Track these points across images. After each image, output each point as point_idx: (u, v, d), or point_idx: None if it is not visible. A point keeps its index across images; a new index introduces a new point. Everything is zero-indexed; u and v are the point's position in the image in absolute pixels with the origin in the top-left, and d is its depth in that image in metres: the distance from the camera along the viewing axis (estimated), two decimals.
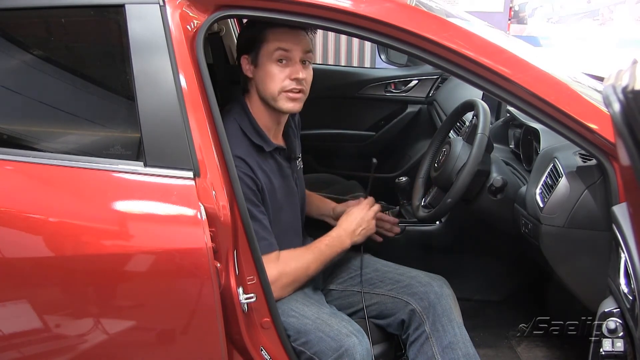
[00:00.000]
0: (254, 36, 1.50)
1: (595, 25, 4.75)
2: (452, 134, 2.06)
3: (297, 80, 1.50)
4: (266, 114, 1.56)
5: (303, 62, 1.52)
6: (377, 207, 1.70)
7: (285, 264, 1.51)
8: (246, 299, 1.33)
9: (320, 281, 1.70)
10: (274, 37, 1.48)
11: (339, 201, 2.33)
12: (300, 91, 1.52)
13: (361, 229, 1.65)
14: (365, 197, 1.75)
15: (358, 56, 4.90)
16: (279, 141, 1.62)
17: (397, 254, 1.69)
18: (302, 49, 1.50)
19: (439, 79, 2.95)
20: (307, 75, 1.53)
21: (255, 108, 1.56)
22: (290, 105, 1.53)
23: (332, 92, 2.93)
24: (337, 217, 1.75)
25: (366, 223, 1.65)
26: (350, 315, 1.60)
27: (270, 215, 1.54)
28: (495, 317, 2.15)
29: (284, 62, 1.49)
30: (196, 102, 1.28)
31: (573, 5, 4.80)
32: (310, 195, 1.89)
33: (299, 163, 1.73)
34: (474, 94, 2.06)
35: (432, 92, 2.95)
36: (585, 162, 1.45)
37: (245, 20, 1.50)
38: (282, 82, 1.50)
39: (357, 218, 1.65)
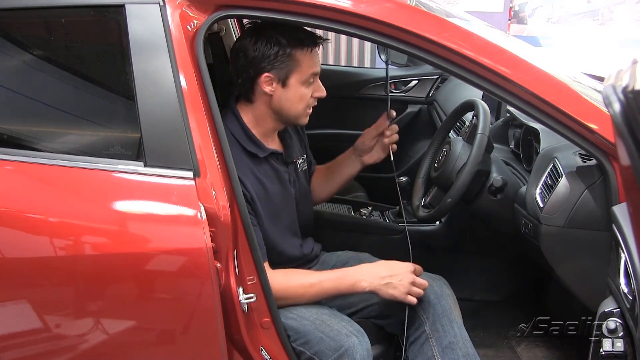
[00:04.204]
0: (284, 58, 1.47)
1: (595, 25, 4.75)
2: (452, 134, 2.06)
3: (317, 98, 1.56)
4: (270, 123, 1.56)
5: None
6: (422, 282, 1.51)
7: (273, 280, 1.43)
8: (246, 299, 1.33)
9: None
10: (308, 63, 1.50)
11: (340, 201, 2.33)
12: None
13: (390, 281, 1.47)
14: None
15: (358, 56, 4.89)
16: (275, 145, 1.61)
17: (397, 254, 1.69)
18: (319, 67, 1.55)
19: (439, 79, 2.94)
20: None
21: (254, 116, 1.55)
22: (307, 119, 1.58)
23: (332, 92, 2.92)
24: (361, 150, 1.80)
25: (398, 282, 1.47)
26: (350, 315, 1.60)
27: (264, 222, 1.53)
28: (495, 317, 2.15)
29: (311, 81, 1.53)
30: (196, 102, 1.28)
31: (573, 5, 4.80)
32: (323, 170, 1.88)
33: (301, 165, 1.72)
34: (474, 94, 2.06)
35: (432, 92, 2.95)
36: (585, 162, 1.45)
37: (265, 36, 1.47)
38: (308, 101, 1.55)
39: (394, 270, 1.50)
